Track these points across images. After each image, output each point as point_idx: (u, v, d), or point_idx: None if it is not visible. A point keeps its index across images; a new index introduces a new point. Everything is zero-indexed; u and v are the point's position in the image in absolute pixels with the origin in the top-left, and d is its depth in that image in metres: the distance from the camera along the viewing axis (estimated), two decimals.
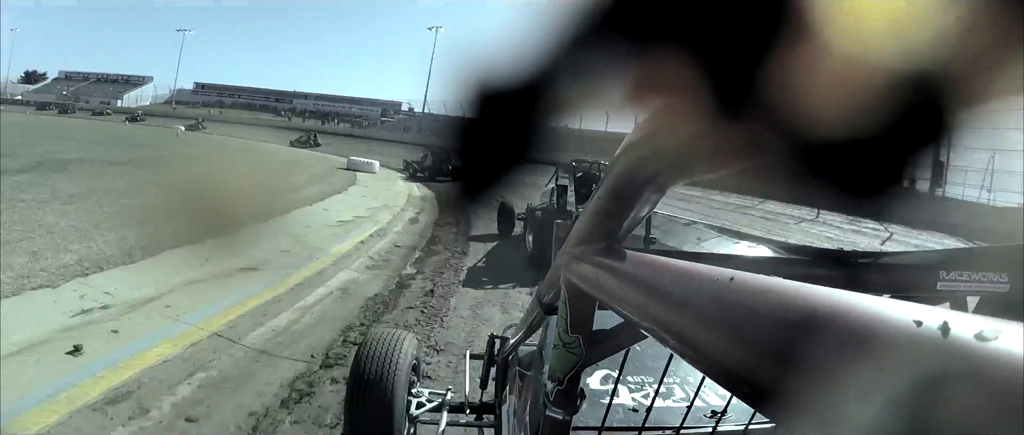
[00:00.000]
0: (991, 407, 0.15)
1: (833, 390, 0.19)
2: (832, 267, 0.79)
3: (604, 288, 0.56)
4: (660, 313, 0.39)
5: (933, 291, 0.76)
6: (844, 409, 0.19)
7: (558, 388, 0.73)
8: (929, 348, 0.17)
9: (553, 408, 0.74)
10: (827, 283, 0.81)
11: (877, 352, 0.19)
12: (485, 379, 2.67)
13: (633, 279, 0.47)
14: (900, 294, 0.76)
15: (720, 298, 0.31)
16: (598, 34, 0.21)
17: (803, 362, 0.22)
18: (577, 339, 0.70)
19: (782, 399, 0.23)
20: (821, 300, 0.23)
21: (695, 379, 1.46)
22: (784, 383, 0.23)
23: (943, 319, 0.17)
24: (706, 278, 0.33)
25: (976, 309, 0.79)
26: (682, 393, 1.42)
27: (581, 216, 0.67)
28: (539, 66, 0.24)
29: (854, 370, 0.19)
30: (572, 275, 0.68)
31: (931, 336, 0.17)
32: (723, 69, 0.20)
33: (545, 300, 0.98)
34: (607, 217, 0.59)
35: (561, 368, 0.72)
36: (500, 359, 2.21)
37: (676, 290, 0.37)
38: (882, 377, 0.18)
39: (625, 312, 0.48)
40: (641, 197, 0.52)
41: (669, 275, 0.40)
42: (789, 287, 0.26)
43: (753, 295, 0.28)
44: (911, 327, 0.18)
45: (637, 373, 1.46)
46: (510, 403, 1.72)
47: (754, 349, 0.26)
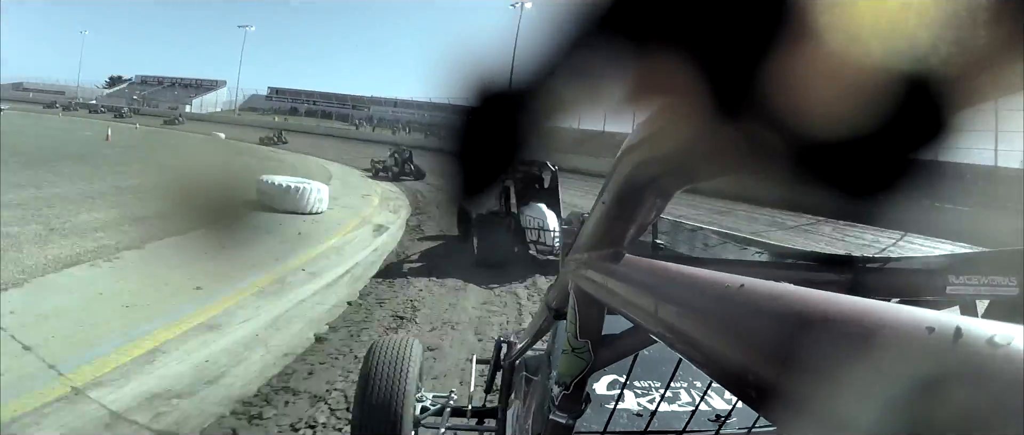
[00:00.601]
0: (1003, 413, 0.14)
1: (841, 396, 0.19)
2: (840, 272, 0.78)
3: (613, 293, 0.56)
4: (670, 318, 0.39)
5: (942, 295, 0.75)
6: (852, 415, 0.18)
7: (564, 393, 0.73)
8: (940, 354, 0.17)
9: (557, 412, 0.74)
10: (835, 288, 0.80)
11: (886, 358, 0.18)
12: (491, 383, 2.67)
13: (642, 284, 0.47)
14: (909, 299, 0.76)
15: (729, 303, 0.31)
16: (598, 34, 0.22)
17: (811, 367, 0.22)
18: (586, 344, 0.70)
19: (790, 404, 0.23)
20: (830, 305, 0.23)
21: (701, 383, 1.45)
22: (792, 388, 0.23)
23: (955, 324, 0.17)
24: (715, 284, 0.34)
25: (986, 313, 0.78)
26: (688, 397, 1.41)
27: (587, 221, 0.67)
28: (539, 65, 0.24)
29: (863, 376, 0.19)
30: (580, 280, 0.68)
31: (942, 342, 0.17)
32: (723, 70, 0.21)
33: (554, 305, 0.98)
34: (613, 222, 0.59)
35: (569, 373, 0.72)
36: (507, 363, 2.20)
37: (685, 295, 0.38)
38: (892, 383, 0.17)
39: (635, 317, 0.48)
40: (645, 202, 0.52)
41: (678, 280, 0.40)
42: (798, 293, 0.26)
43: (762, 301, 0.28)
44: (921, 332, 0.18)
45: (644, 378, 1.45)
46: (515, 408, 1.71)
47: (762, 354, 0.26)
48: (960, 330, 0.17)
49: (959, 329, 0.17)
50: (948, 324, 0.17)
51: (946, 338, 0.17)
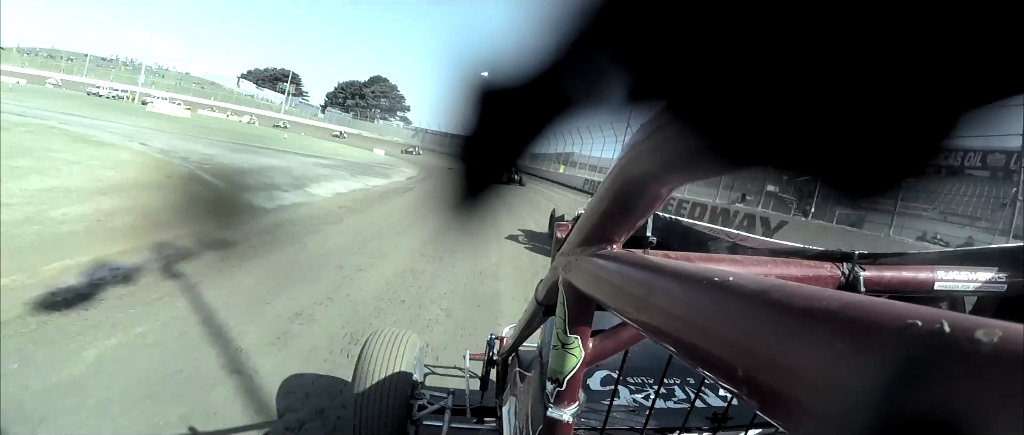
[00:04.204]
0: (989, 408, 0.14)
1: (831, 390, 0.20)
2: (830, 267, 0.79)
3: (603, 289, 0.55)
4: (659, 314, 0.39)
5: (931, 291, 0.76)
6: (841, 409, 0.19)
7: (558, 389, 0.73)
8: (927, 349, 0.17)
9: (554, 409, 0.74)
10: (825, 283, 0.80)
11: (875, 352, 0.18)
12: (485, 379, 2.66)
13: (632, 280, 0.47)
14: (899, 294, 0.76)
15: (719, 299, 0.31)
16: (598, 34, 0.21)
17: (801, 362, 0.22)
18: (576, 340, 0.70)
19: (781, 399, 0.23)
20: (819, 300, 0.23)
21: (694, 379, 1.46)
22: (782, 383, 0.23)
23: (941, 320, 0.17)
24: (705, 279, 0.34)
25: (974, 309, 0.79)
26: (682, 394, 1.42)
27: (583, 218, 0.67)
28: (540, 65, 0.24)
29: (851, 370, 0.19)
30: (571, 276, 0.67)
31: (928, 337, 0.17)
32: (724, 70, 0.20)
33: (544, 301, 0.98)
34: (608, 219, 0.59)
35: (561, 369, 0.72)
36: (500, 359, 2.20)
37: (675, 291, 0.37)
38: (879, 378, 0.17)
39: (624, 313, 0.48)
40: (641, 199, 0.52)
41: (668, 276, 0.40)
42: (787, 288, 0.26)
43: (751, 296, 0.28)
44: (909, 327, 0.18)
45: (637, 374, 1.46)
46: (511, 404, 1.71)
47: (752, 350, 0.26)
48: (945, 325, 0.17)
49: (944, 324, 0.17)
50: (934, 319, 0.18)
51: (931, 333, 0.17)
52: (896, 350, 0.18)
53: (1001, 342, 0.15)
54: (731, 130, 0.23)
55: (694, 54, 0.20)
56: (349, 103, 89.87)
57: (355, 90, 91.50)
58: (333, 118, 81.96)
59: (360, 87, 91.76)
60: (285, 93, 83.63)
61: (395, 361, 2.23)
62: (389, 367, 2.20)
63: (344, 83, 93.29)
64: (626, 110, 0.24)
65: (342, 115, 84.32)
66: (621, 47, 0.22)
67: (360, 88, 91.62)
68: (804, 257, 0.82)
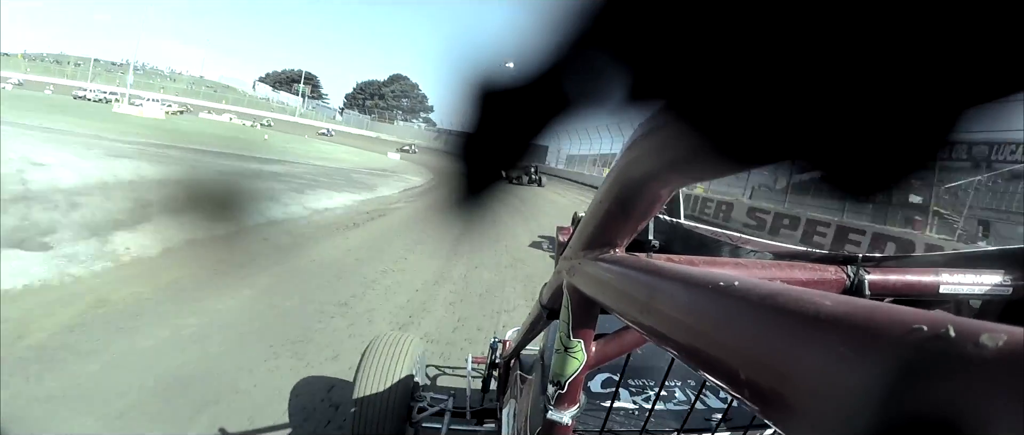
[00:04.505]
0: (993, 413, 0.14)
1: (834, 394, 0.19)
2: (835, 270, 0.78)
3: (607, 292, 0.55)
4: (662, 318, 0.39)
5: (937, 295, 0.75)
6: (845, 414, 0.18)
7: (559, 392, 0.73)
8: (931, 354, 0.17)
9: (554, 411, 0.74)
10: (830, 287, 0.80)
11: (879, 357, 0.18)
12: (487, 382, 2.66)
13: (635, 284, 0.47)
14: (904, 298, 0.76)
15: (723, 304, 0.31)
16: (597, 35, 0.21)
17: (804, 367, 0.22)
18: (579, 343, 0.69)
19: (784, 403, 0.23)
20: (823, 305, 0.23)
21: (695, 382, 1.45)
22: (785, 387, 0.22)
23: (946, 324, 0.17)
24: (708, 283, 0.33)
25: (979, 313, 0.78)
26: (683, 396, 1.42)
27: (583, 220, 0.67)
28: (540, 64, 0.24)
29: (855, 375, 0.19)
30: (575, 280, 0.67)
31: (933, 341, 0.17)
32: (724, 70, 0.20)
33: (547, 304, 0.98)
34: (610, 221, 0.58)
35: (563, 372, 0.71)
36: (502, 362, 2.20)
37: (678, 295, 0.37)
38: (884, 382, 0.17)
39: (627, 317, 0.48)
40: (643, 200, 0.52)
41: (671, 280, 0.39)
42: (791, 292, 0.26)
43: (755, 300, 0.28)
44: (913, 332, 0.18)
45: (638, 376, 1.45)
46: (511, 406, 1.71)
47: (756, 354, 0.26)
48: (950, 330, 0.17)
49: (949, 329, 0.17)
50: (939, 324, 0.17)
51: (936, 338, 0.17)
52: (901, 355, 0.18)
53: (1006, 346, 0.15)
54: (732, 130, 0.23)
55: (694, 53, 0.20)
56: (368, 104, 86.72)
57: (374, 90, 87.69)
58: (351, 120, 79.61)
59: (379, 87, 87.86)
60: (301, 95, 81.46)
61: (396, 364, 2.24)
62: (390, 369, 2.21)
63: (363, 83, 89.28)
64: (626, 110, 0.24)
65: (361, 117, 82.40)
66: (621, 47, 0.21)
67: (379, 88, 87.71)
68: (808, 260, 0.81)
